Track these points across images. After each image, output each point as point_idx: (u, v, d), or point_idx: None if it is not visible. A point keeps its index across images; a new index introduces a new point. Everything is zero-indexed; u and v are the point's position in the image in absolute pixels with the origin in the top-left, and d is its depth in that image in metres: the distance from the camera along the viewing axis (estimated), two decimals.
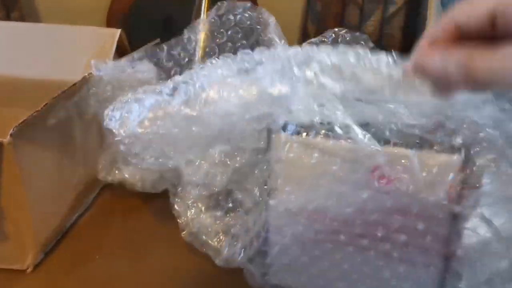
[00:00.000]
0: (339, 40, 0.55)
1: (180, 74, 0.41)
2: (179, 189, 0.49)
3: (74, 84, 0.47)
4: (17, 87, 0.67)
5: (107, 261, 0.53)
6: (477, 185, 0.36)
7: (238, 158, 0.44)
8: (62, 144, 0.54)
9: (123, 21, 1.32)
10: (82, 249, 0.55)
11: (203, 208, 0.47)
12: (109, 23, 1.33)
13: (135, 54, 0.62)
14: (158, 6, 1.33)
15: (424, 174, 0.35)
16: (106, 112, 0.38)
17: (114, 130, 0.38)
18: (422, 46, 0.32)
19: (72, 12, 1.34)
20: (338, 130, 0.36)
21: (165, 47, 0.64)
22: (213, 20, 0.63)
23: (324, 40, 0.55)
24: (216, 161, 0.45)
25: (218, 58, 0.41)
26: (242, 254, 0.42)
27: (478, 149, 0.36)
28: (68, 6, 1.35)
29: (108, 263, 0.53)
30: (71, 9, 1.35)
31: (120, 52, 0.67)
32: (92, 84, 0.54)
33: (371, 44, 0.54)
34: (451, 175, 0.35)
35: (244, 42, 0.62)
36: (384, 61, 0.36)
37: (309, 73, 0.37)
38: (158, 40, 0.64)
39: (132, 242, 0.56)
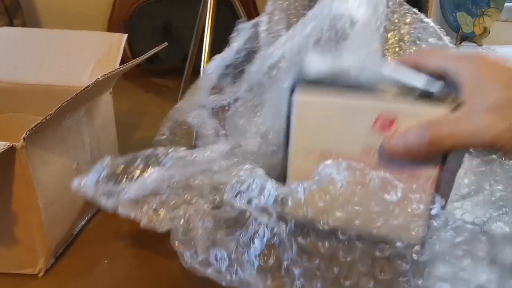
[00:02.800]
0: None
1: None
2: None
3: (87, 87, 0.47)
4: (23, 93, 0.67)
5: (116, 265, 0.53)
6: None
7: None
8: (72, 148, 0.55)
9: (124, 28, 1.32)
10: (91, 253, 0.55)
11: None
12: (110, 31, 1.33)
13: None
14: (158, 13, 1.34)
15: None
16: None
17: None
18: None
19: (73, 19, 1.35)
20: None
21: None
22: None
23: None
24: None
25: None
26: None
27: None
28: (70, 14, 1.36)
29: (116, 267, 0.53)
30: (73, 17, 1.35)
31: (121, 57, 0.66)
32: None
33: None
34: None
35: None
36: None
37: None
38: (166, 44, 0.64)
39: (140, 245, 0.57)
